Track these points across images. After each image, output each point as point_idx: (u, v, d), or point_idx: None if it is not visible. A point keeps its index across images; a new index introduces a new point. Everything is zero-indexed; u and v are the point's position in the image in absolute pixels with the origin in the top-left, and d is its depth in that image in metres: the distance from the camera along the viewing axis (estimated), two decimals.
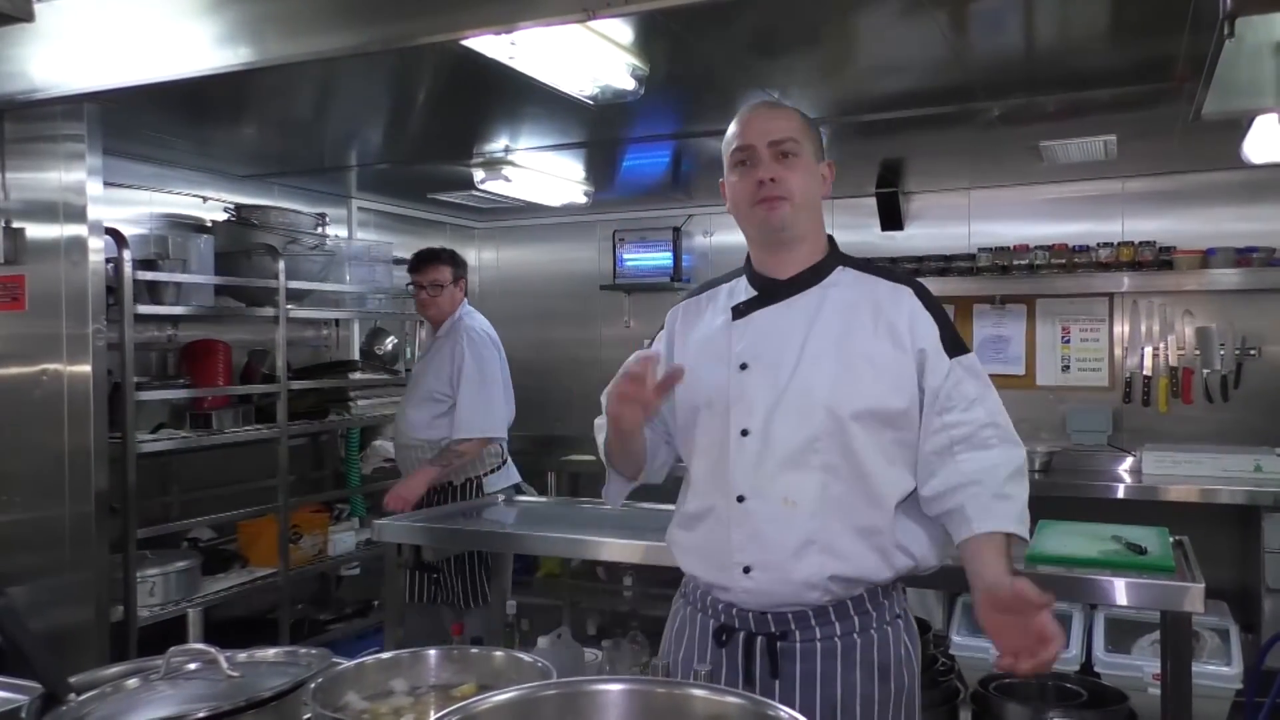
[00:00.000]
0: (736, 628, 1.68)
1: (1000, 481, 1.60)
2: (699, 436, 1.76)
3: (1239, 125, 3.45)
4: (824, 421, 1.62)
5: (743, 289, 1.81)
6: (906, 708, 1.68)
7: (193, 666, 1.34)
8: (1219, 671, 3.42)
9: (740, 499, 1.65)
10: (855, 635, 1.64)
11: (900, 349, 1.66)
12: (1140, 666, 3.47)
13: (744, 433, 1.67)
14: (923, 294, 1.73)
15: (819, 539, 1.61)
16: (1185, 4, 2.42)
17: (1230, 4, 1.77)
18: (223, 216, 4.39)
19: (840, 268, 1.78)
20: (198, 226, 4.32)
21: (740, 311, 1.77)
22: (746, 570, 1.65)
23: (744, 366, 1.71)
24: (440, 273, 3.74)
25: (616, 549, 3.20)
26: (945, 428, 1.64)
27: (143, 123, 3.57)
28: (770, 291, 1.76)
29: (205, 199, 4.45)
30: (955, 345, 1.69)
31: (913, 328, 1.67)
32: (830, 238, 1.83)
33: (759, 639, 1.65)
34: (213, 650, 1.33)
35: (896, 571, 1.67)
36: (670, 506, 2.88)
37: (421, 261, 3.79)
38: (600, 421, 1.83)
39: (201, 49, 2.62)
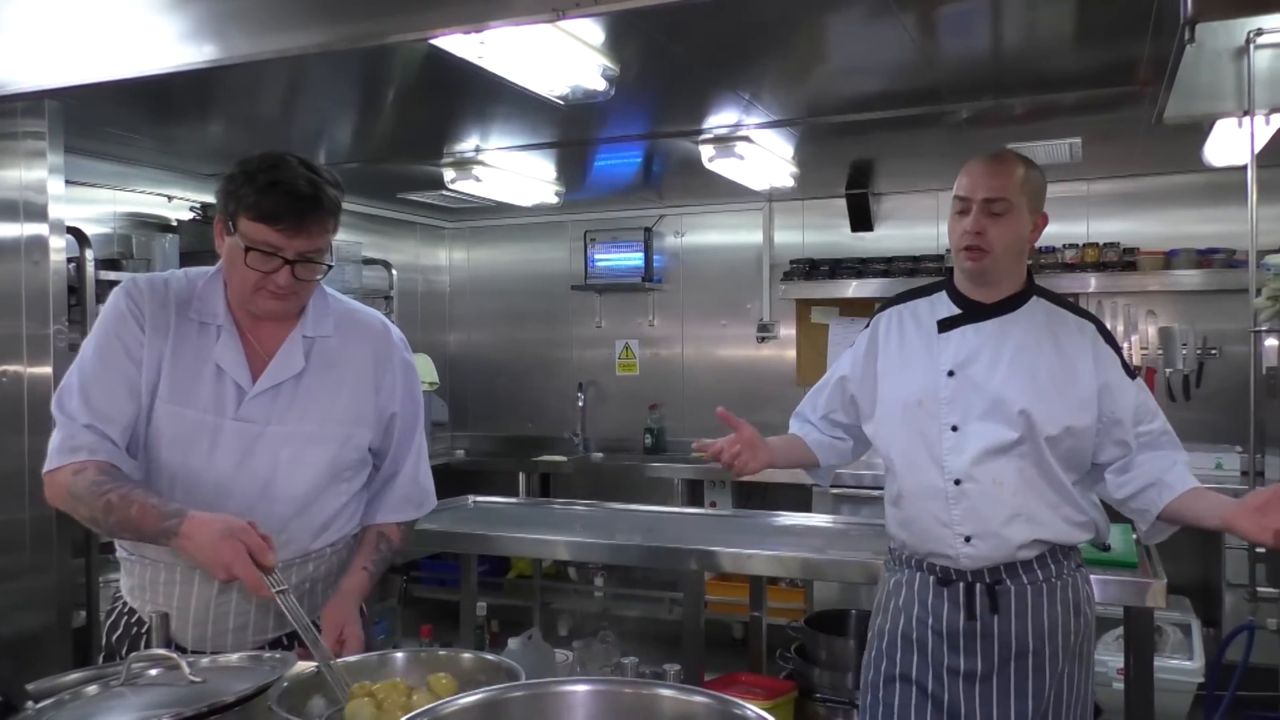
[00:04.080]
0: (955, 579, 2.00)
1: (1185, 467, 1.99)
2: (906, 429, 2.04)
3: (1200, 129, 3.50)
4: (1022, 424, 1.94)
5: (944, 305, 2.07)
6: (1089, 640, 2.06)
7: (154, 672, 1.32)
8: (1182, 666, 3.47)
9: (957, 482, 1.97)
10: (1055, 580, 1.99)
11: (1085, 376, 1.97)
12: (1105, 662, 3.50)
13: (954, 428, 1.98)
14: (1103, 330, 2.05)
15: (1023, 511, 1.95)
16: (1148, 9, 2.46)
17: (1191, 10, 1.80)
18: (188, 215, 4.33)
19: (1035, 298, 2.05)
20: (163, 226, 4.26)
21: (946, 325, 2.04)
22: (968, 539, 1.96)
23: (951, 373, 2.00)
24: (329, 237, 1.77)
25: (587, 549, 3.20)
26: (1139, 435, 1.99)
27: (105, 120, 3.51)
28: (973, 311, 2.04)
29: (170, 198, 4.40)
30: (1130, 370, 2.02)
31: (1097, 361, 1.99)
32: (1029, 271, 2.10)
33: (978, 585, 1.98)
34: (174, 655, 1.31)
35: (1079, 536, 2.02)
36: (641, 507, 2.98)
37: (306, 213, 1.69)
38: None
39: (165, 46, 2.58)
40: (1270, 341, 3.13)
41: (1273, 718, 2.93)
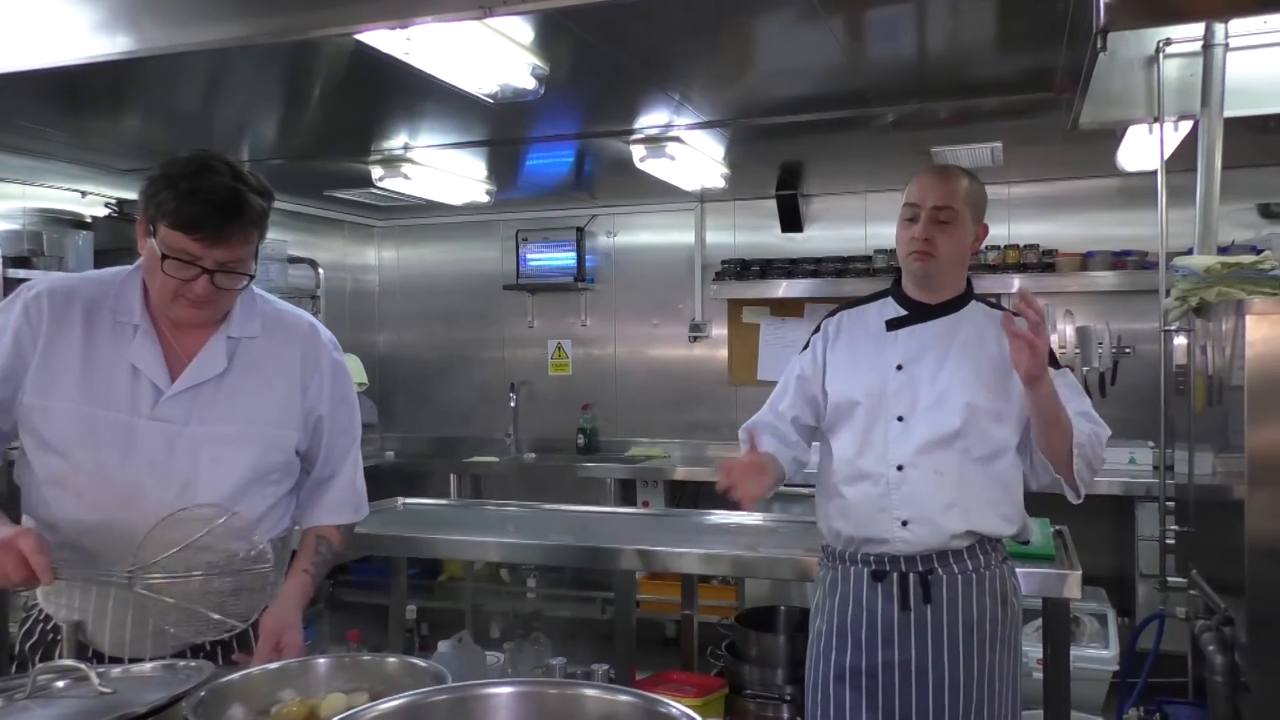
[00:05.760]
0: (889, 569, 2.09)
1: (1099, 440, 2.07)
2: (854, 421, 2.14)
3: (1114, 134, 3.63)
4: (965, 415, 2.06)
5: (892, 308, 2.20)
6: (1016, 630, 2.16)
7: (62, 684, 1.27)
8: (1097, 655, 3.58)
9: (900, 468, 2.07)
10: (984, 570, 2.10)
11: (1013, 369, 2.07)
12: (1024, 651, 3.60)
13: (899, 419, 2.09)
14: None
15: (959, 501, 2.06)
16: (1063, 18, 2.53)
17: (1103, 19, 1.85)
18: (103, 212, 4.19)
19: (974, 302, 2.19)
20: (76, 222, 4.12)
21: (894, 325, 2.17)
22: (905, 523, 2.07)
23: (900, 368, 2.12)
24: (252, 246, 1.70)
25: (520, 550, 3.18)
26: None
27: (14, 112, 3.38)
28: (918, 312, 2.17)
29: (84, 194, 4.26)
30: (1054, 362, 2.11)
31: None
32: (968, 278, 2.23)
33: (911, 575, 2.07)
34: (83, 666, 1.26)
35: (1007, 530, 2.12)
36: (574, 507, 2.95)
37: (226, 223, 1.62)
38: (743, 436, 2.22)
39: (77, 36, 2.49)
40: (1179, 340, 3.24)
41: (1181, 703, 3.04)
